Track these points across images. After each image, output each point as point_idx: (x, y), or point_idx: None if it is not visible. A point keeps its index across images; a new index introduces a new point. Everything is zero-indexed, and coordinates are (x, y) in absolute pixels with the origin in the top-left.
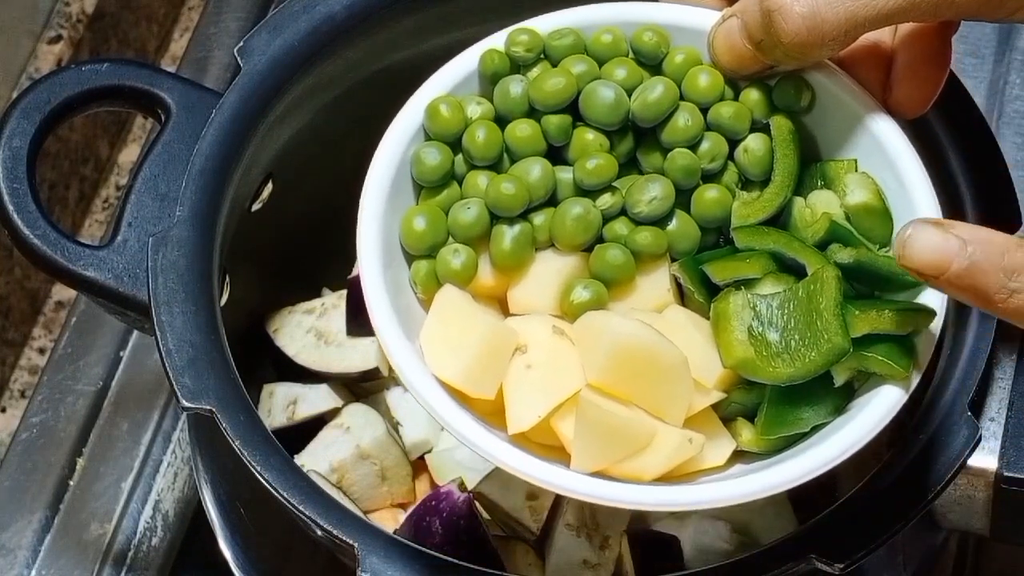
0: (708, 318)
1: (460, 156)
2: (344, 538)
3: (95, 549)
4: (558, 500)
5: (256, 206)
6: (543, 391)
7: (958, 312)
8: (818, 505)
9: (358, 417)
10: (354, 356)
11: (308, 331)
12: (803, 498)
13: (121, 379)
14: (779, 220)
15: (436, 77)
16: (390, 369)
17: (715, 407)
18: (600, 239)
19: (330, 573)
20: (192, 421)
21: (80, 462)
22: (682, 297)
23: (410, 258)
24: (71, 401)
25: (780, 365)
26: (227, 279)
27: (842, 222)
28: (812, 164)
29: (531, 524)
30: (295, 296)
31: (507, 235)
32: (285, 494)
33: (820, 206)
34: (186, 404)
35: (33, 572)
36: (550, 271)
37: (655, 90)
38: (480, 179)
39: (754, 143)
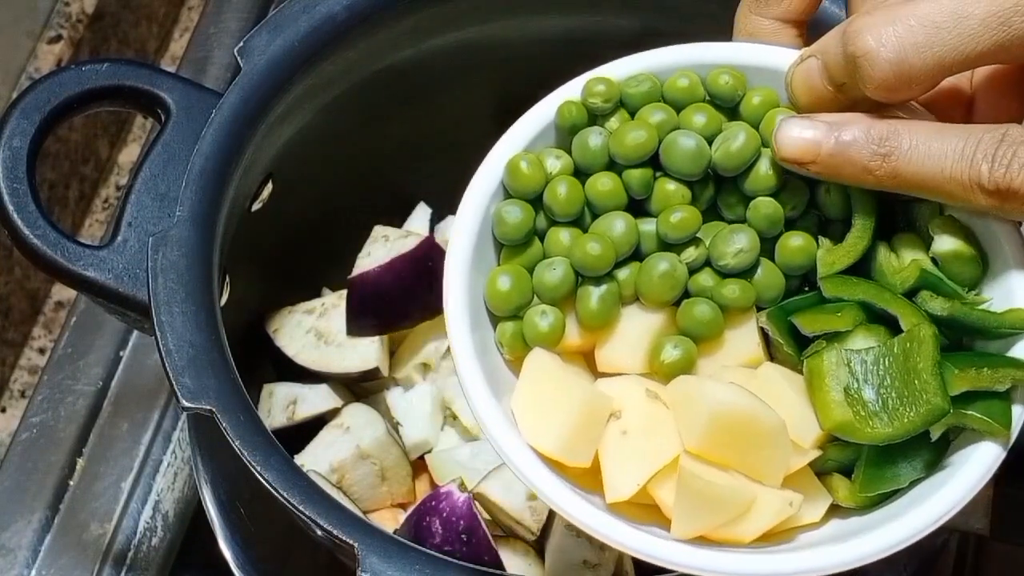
0: (797, 370)
1: (541, 212)
2: (344, 538)
3: (95, 549)
4: None
5: (256, 206)
6: (640, 458)
7: None
8: None
9: (358, 417)
10: (354, 356)
11: (308, 331)
12: None
13: (121, 379)
14: (865, 266)
15: (513, 131)
16: (390, 369)
17: (811, 464)
18: (686, 292)
19: (330, 573)
20: (192, 421)
21: (80, 462)
22: (768, 346)
23: (495, 319)
24: (71, 401)
25: (878, 425)
26: (227, 279)
27: (932, 269)
28: (895, 204)
29: (531, 524)
30: (295, 296)
31: (594, 295)
32: (285, 494)
33: (906, 252)
34: (186, 404)
35: (33, 572)
36: (638, 328)
37: (737, 139)
38: (563, 235)
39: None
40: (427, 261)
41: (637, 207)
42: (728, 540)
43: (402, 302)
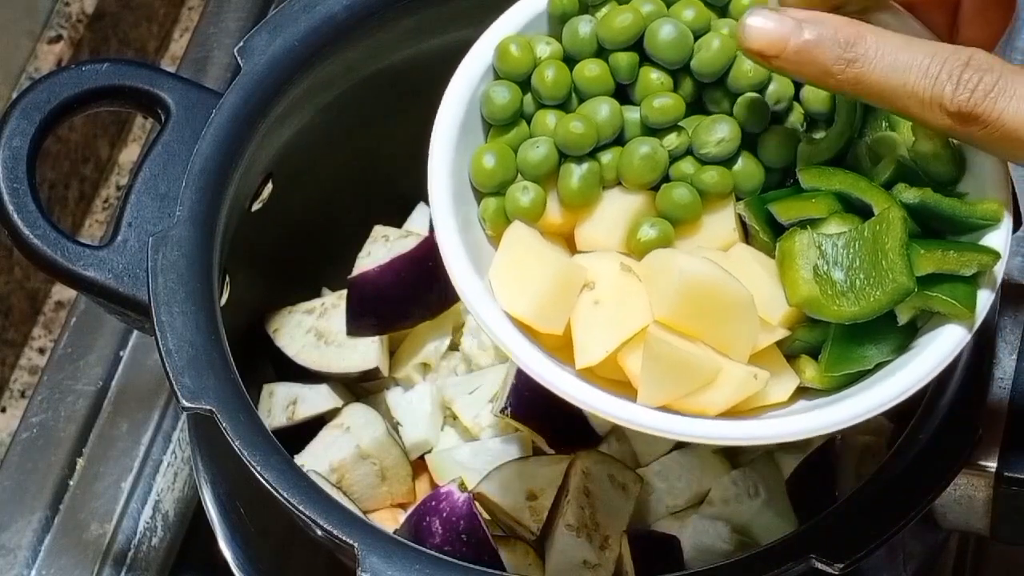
0: (773, 257)
1: (529, 95)
2: (344, 538)
3: (95, 549)
4: (558, 500)
5: (256, 206)
6: (611, 327)
7: None
8: (818, 505)
9: (358, 417)
10: (354, 356)
11: (308, 331)
12: (803, 498)
13: (121, 379)
14: (844, 162)
15: (505, 17)
16: (390, 369)
17: (779, 344)
18: (667, 178)
19: (330, 573)
20: (192, 421)
21: (80, 462)
22: (746, 236)
23: (479, 196)
24: (71, 401)
25: (845, 304)
26: (227, 279)
27: (908, 163)
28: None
29: (531, 524)
30: (295, 296)
31: (575, 173)
32: (285, 494)
33: (885, 149)
34: (186, 404)
35: (33, 572)
36: (617, 209)
37: (712, 46)
38: (548, 118)
39: None
40: (427, 261)
41: (623, 97)
42: (694, 411)
43: (402, 302)
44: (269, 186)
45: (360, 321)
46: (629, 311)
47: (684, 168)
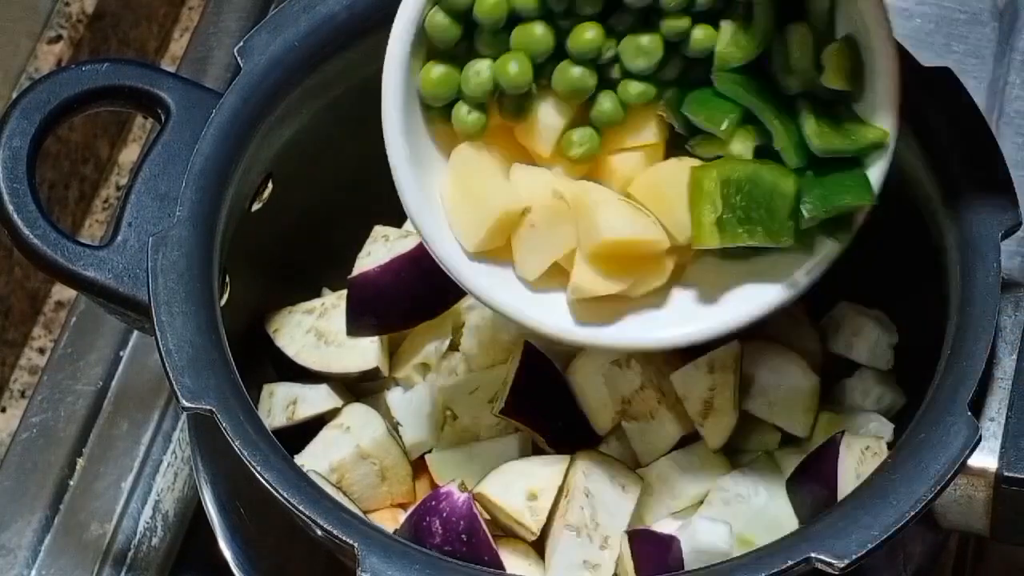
0: (694, 155)
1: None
2: (344, 538)
3: (95, 549)
4: (558, 500)
5: (256, 206)
6: (544, 249)
7: (959, 309)
8: (818, 505)
9: (358, 417)
10: (354, 356)
11: (308, 331)
12: (803, 498)
13: (121, 379)
14: (765, 61)
15: None
16: (390, 369)
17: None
18: (599, 89)
19: (330, 573)
20: (192, 421)
21: (80, 462)
22: (672, 130)
23: (428, 109)
24: (71, 401)
25: (738, 238)
26: (227, 279)
27: (814, 80)
28: None
29: (531, 524)
30: (295, 296)
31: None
32: (285, 494)
33: (800, 51)
34: (186, 404)
35: (33, 572)
36: (552, 116)
37: None
38: (490, 41)
39: None
40: (427, 261)
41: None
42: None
43: (402, 302)
44: (269, 186)
45: (360, 321)
46: (559, 236)
47: (612, 77)
